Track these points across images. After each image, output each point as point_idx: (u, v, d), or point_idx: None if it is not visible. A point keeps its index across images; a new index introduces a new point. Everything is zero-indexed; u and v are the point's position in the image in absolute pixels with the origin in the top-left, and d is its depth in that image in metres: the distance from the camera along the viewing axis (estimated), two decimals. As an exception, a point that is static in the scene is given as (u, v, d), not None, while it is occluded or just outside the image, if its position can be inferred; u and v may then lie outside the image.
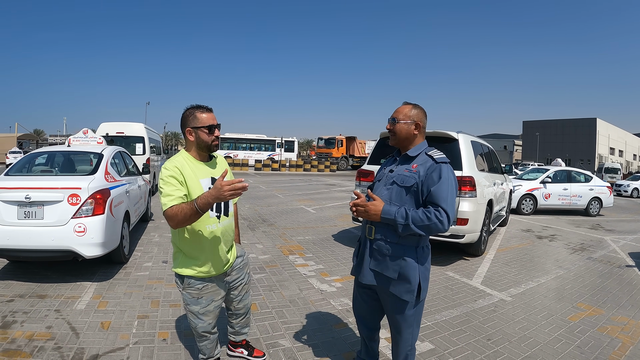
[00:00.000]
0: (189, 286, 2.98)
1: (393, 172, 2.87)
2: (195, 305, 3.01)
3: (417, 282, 2.70)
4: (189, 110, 2.95)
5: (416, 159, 2.82)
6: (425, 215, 2.55)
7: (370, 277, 2.85)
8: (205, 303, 3.02)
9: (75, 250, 5.26)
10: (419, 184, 2.69)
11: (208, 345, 3.21)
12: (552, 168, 15.76)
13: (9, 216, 5.22)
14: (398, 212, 2.61)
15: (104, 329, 4.15)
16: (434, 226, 2.55)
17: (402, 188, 2.75)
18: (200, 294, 2.99)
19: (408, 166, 2.81)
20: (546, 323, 4.76)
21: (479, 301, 5.37)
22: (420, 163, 2.77)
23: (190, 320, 3.10)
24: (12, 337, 3.93)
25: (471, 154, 7.26)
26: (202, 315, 3.04)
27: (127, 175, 7.62)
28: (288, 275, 6.11)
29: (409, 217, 2.57)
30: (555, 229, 11.58)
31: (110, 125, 14.91)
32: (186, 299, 3.03)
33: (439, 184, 2.63)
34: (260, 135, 47.45)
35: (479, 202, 7.05)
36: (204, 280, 2.99)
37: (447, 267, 6.93)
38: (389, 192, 2.80)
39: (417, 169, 2.74)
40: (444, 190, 2.62)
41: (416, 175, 2.71)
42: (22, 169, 6.28)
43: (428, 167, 2.71)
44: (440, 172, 2.67)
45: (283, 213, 12.22)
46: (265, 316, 4.61)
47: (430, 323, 4.59)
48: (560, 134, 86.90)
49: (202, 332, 3.11)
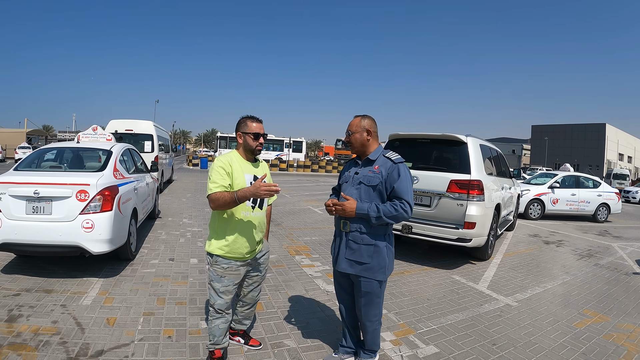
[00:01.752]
0: (216, 264, 3.39)
1: (358, 174, 3.40)
2: (218, 283, 3.39)
3: (387, 261, 3.33)
4: (243, 118, 3.52)
5: (376, 161, 3.38)
6: (393, 208, 3.14)
7: (345, 265, 3.39)
8: (227, 282, 3.40)
9: (83, 246, 5.29)
10: (382, 182, 3.25)
11: (220, 325, 3.45)
12: (561, 173, 15.60)
13: (17, 211, 5.26)
14: (370, 208, 3.17)
15: (110, 325, 4.17)
16: (401, 215, 3.14)
17: (369, 187, 3.29)
18: (224, 273, 3.39)
19: (371, 167, 3.35)
20: (552, 329, 4.74)
21: (485, 306, 5.35)
22: (380, 164, 3.33)
23: (210, 296, 3.47)
24: (17, 330, 3.96)
25: (480, 157, 7.24)
26: (221, 294, 3.40)
27: (136, 172, 7.65)
28: (294, 275, 6.10)
29: (380, 210, 3.14)
30: (563, 235, 11.50)
31: (120, 122, 14.97)
32: (211, 275, 3.43)
33: (399, 181, 3.21)
34: (269, 135, 47.32)
35: (486, 206, 7.01)
36: (230, 261, 3.38)
37: (453, 270, 6.90)
38: (358, 191, 3.33)
39: (379, 169, 3.30)
40: (405, 186, 3.21)
41: (379, 175, 3.27)
42: (31, 164, 6.30)
43: (388, 167, 3.28)
44: (399, 170, 3.25)
45: (290, 213, 12.23)
46: (270, 316, 4.61)
47: (435, 326, 4.58)
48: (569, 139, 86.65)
49: (218, 309, 3.42)
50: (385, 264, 3.32)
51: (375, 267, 3.29)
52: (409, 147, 7.68)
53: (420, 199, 7.18)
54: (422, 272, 6.67)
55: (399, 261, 7.20)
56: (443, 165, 7.26)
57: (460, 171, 6.95)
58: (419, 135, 7.60)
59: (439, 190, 6.95)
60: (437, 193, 6.98)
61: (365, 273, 3.31)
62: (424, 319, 4.78)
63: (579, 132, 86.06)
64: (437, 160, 7.49)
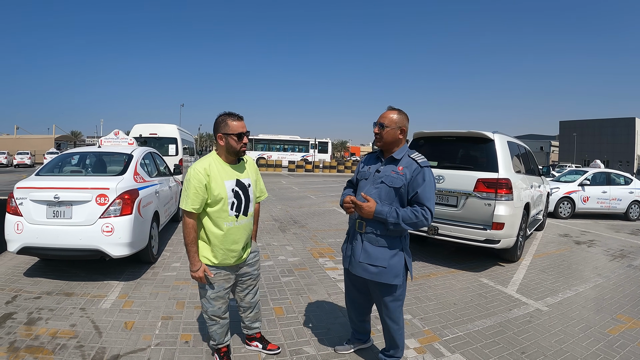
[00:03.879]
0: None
1: (380, 172, 3.22)
2: (208, 290, 3.31)
3: (404, 265, 3.18)
4: (221, 116, 3.22)
5: (401, 161, 3.19)
6: (413, 214, 2.97)
7: (360, 269, 3.23)
8: (217, 289, 3.31)
9: (103, 249, 5.29)
10: (405, 185, 3.09)
11: (218, 330, 3.43)
12: (591, 170, 14.98)
13: (38, 215, 5.31)
14: (390, 213, 3.00)
15: (127, 329, 4.13)
16: (421, 223, 2.99)
17: (391, 188, 3.11)
18: (214, 280, 3.28)
19: (394, 167, 3.17)
20: (584, 336, 4.46)
21: (514, 310, 5.10)
22: (405, 165, 3.14)
23: (202, 304, 3.40)
24: (36, 333, 3.98)
25: (507, 155, 6.97)
26: (212, 300, 3.32)
27: (158, 176, 7.67)
28: (317, 279, 5.98)
29: (400, 216, 2.97)
30: (594, 234, 11.03)
31: (144, 126, 15.16)
32: (200, 283, 3.31)
33: (423, 186, 3.04)
34: (294, 137, 47.57)
35: (515, 205, 6.74)
36: (217, 267, 3.28)
37: (481, 273, 6.65)
38: (378, 190, 3.15)
39: (403, 171, 3.12)
40: (428, 192, 3.04)
41: (403, 177, 3.09)
42: (53, 169, 6.38)
43: (413, 170, 3.09)
44: (424, 175, 3.07)
45: (315, 215, 12.13)
46: (290, 321, 4.49)
47: (462, 333, 4.38)
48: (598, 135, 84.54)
49: (212, 316, 3.36)
50: (401, 268, 3.17)
51: (391, 272, 3.13)
52: (434, 146, 7.48)
53: (446, 199, 6.97)
54: (449, 275, 6.45)
55: (424, 263, 7.02)
56: (469, 164, 7.03)
57: (487, 169, 6.71)
58: (444, 133, 7.39)
59: (466, 190, 6.73)
60: (463, 193, 6.75)
61: (382, 278, 3.15)
62: (450, 325, 4.57)
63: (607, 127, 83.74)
64: (463, 158, 7.26)
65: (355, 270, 3.27)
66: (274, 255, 7.17)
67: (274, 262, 6.78)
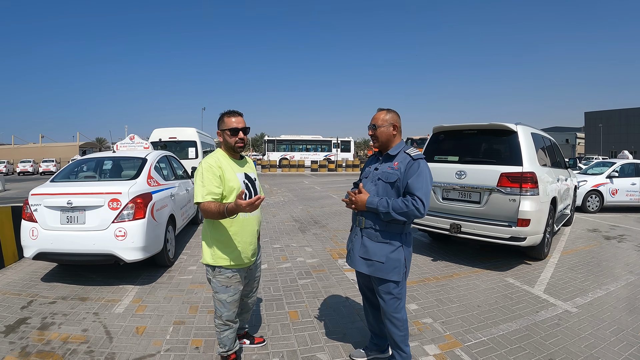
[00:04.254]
0: (220, 274, 3.21)
1: (378, 170, 3.30)
2: (224, 294, 3.23)
3: (403, 262, 3.17)
4: (221, 114, 3.31)
5: (396, 157, 3.25)
6: (403, 204, 3.00)
7: (359, 264, 3.29)
8: (233, 292, 3.26)
9: (116, 254, 5.27)
10: (401, 178, 3.13)
11: (230, 335, 3.37)
12: (619, 161, 14.35)
13: (52, 221, 5.34)
14: (380, 202, 3.08)
15: (138, 334, 4.08)
16: (412, 212, 2.98)
17: (387, 184, 3.18)
18: (230, 283, 3.23)
19: (390, 164, 3.23)
20: (616, 340, 4.14)
21: (541, 312, 4.81)
22: (400, 160, 3.20)
23: (217, 308, 3.30)
24: (48, 338, 3.97)
25: (532, 147, 6.67)
26: (228, 304, 3.26)
27: (176, 179, 7.64)
28: (335, 281, 5.82)
29: (390, 205, 3.03)
30: (624, 229, 10.49)
31: (163, 130, 15.28)
32: (215, 287, 3.25)
33: (415, 176, 3.07)
34: (316, 136, 47.61)
35: (541, 200, 6.43)
36: (233, 270, 3.23)
37: (506, 272, 6.36)
38: (376, 187, 3.23)
39: (398, 166, 3.18)
40: (420, 182, 3.05)
41: (398, 172, 3.15)
42: (69, 175, 6.43)
43: (407, 163, 3.15)
44: (416, 166, 3.11)
45: (336, 214, 11.96)
46: (305, 325, 4.35)
47: (485, 338, 4.12)
48: (625, 125, 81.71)
49: (226, 321, 3.30)
50: (400, 264, 3.17)
51: (389, 267, 3.16)
52: (455, 140, 7.25)
53: (469, 195, 6.71)
54: (473, 275, 6.19)
55: (448, 263, 6.79)
56: (492, 158, 6.75)
57: (511, 163, 6.41)
58: (465, 126, 7.13)
59: (489, 185, 6.46)
60: (487, 188, 6.48)
61: (379, 273, 3.19)
62: (472, 329, 4.32)
63: (634, 117, 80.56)
64: (485, 152, 6.98)
65: (355, 265, 3.34)
66: (292, 257, 7.05)
67: (291, 264, 6.65)
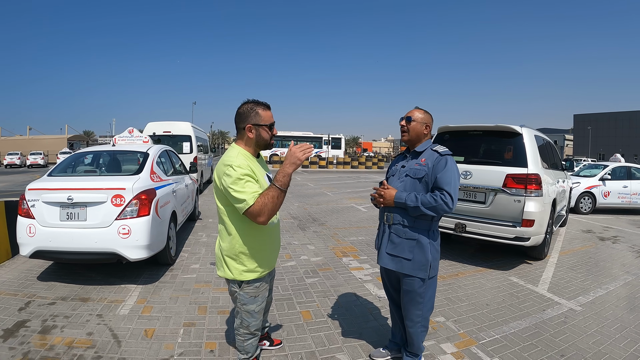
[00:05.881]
0: (248, 286, 2.89)
1: (405, 167, 3.32)
2: (252, 304, 2.94)
3: (429, 259, 3.13)
4: (249, 105, 2.82)
5: (423, 153, 3.26)
6: (432, 198, 2.99)
7: (387, 260, 3.29)
8: (261, 301, 2.99)
9: (119, 252, 5.07)
10: (428, 174, 3.12)
11: (254, 342, 3.12)
12: (611, 164, 14.54)
13: (51, 217, 5.10)
14: (408, 197, 3.07)
15: (148, 337, 3.90)
16: (440, 207, 2.97)
17: (415, 180, 3.18)
18: (258, 292, 2.95)
19: (417, 160, 3.25)
20: (620, 337, 4.23)
21: (548, 311, 4.86)
22: (427, 157, 3.21)
23: (244, 319, 2.98)
24: (51, 343, 3.77)
25: (536, 149, 6.66)
26: (256, 314, 2.99)
27: (174, 174, 7.46)
28: (343, 279, 5.73)
29: (419, 200, 3.02)
30: (617, 230, 10.66)
31: (157, 124, 15.01)
32: (243, 299, 2.92)
33: (443, 172, 3.06)
34: (307, 133, 47.42)
35: (544, 201, 6.45)
36: (262, 279, 2.95)
37: (509, 271, 6.38)
38: (403, 183, 3.24)
39: (425, 162, 3.19)
40: (448, 177, 3.04)
41: (425, 167, 3.15)
42: (67, 169, 6.17)
43: (434, 159, 3.15)
44: (444, 162, 3.11)
45: (333, 212, 11.88)
46: (320, 326, 4.24)
47: (498, 336, 4.14)
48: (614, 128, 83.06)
49: (254, 331, 3.04)
50: (427, 261, 3.14)
51: (417, 264, 3.14)
52: (460, 140, 7.18)
53: (474, 195, 6.67)
54: (478, 274, 6.17)
55: (451, 262, 6.75)
56: (497, 159, 6.73)
57: (515, 165, 6.41)
58: (470, 127, 7.07)
59: (494, 186, 6.42)
60: (492, 189, 6.45)
61: (405, 269, 3.18)
62: (485, 328, 4.33)
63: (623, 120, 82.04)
64: (490, 153, 6.96)
65: (382, 262, 3.33)
66: (295, 255, 6.93)
67: (296, 262, 6.54)
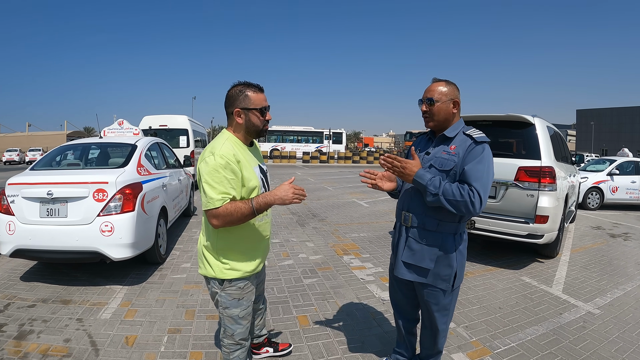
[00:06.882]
0: (230, 285, 2.58)
1: (430, 155, 2.68)
2: (236, 308, 2.62)
3: (454, 269, 2.62)
4: (238, 87, 2.56)
5: (454, 139, 2.62)
6: (458, 191, 2.39)
7: (403, 271, 2.73)
8: (246, 304, 2.67)
9: (102, 251, 4.73)
10: (458, 165, 2.51)
11: (241, 355, 2.74)
12: (619, 159, 14.21)
13: (30, 214, 4.77)
14: (431, 181, 2.44)
15: (128, 345, 3.56)
16: (464, 204, 2.38)
17: (441, 172, 2.55)
18: (242, 294, 2.63)
19: (446, 147, 2.61)
20: None
21: (565, 315, 4.49)
22: (458, 144, 2.57)
23: (227, 327, 2.67)
24: (25, 350, 3.46)
25: (549, 141, 6.26)
26: (241, 319, 2.66)
27: (167, 168, 7.13)
28: (344, 280, 5.37)
29: (441, 187, 2.41)
30: (627, 227, 10.28)
31: (154, 118, 14.73)
32: (225, 302, 2.61)
33: (475, 163, 2.45)
34: (308, 127, 47.35)
35: (558, 196, 6.07)
36: (246, 278, 2.63)
37: (521, 271, 6.00)
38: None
39: (455, 150, 2.56)
40: (480, 170, 2.44)
41: (455, 157, 2.53)
42: (51, 163, 5.84)
43: (467, 146, 2.52)
44: (479, 151, 2.49)
45: (334, 207, 11.53)
46: (318, 333, 3.88)
47: (514, 344, 3.77)
48: (617, 123, 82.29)
49: (239, 340, 2.69)
50: (451, 272, 2.62)
51: (439, 275, 2.62)
52: None
53: (483, 189, 6.27)
54: (488, 274, 5.80)
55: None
56: (508, 151, 6.35)
57: (528, 157, 6.03)
58: (480, 116, 6.67)
59: (505, 179, 6.03)
60: (503, 182, 6.06)
61: (425, 280, 2.66)
62: (499, 334, 3.96)
63: (626, 116, 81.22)
64: (501, 144, 6.53)
65: (398, 272, 2.77)
66: (293, 253, 6.57)
67: (294, 260, 6.18)
